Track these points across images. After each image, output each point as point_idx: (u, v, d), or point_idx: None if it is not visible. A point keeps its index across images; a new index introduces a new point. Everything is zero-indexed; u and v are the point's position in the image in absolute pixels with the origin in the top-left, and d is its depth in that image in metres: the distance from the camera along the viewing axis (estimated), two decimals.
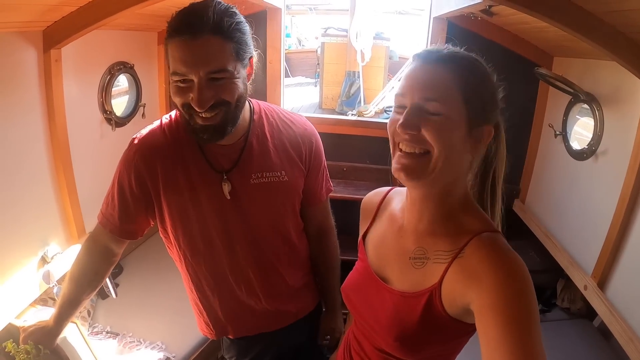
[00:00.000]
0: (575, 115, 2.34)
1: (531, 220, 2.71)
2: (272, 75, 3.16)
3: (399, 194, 1.17)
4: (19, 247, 1.81)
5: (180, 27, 1.09)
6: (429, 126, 0.88)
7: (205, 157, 1.31)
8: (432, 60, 0.91)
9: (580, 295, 2.59)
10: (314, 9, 7.11)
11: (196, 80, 1.11)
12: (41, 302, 1.98)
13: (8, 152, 1.71)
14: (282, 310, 1.52)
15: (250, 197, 1.34)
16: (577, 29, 1.57)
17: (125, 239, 1.42)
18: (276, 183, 1.36)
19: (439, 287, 0.92)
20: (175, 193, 1.31)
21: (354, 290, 1.14)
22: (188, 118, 1.19)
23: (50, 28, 1.79)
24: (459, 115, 0.89)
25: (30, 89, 1.81)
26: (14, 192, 1.76)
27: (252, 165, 1.34)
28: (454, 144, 0.90)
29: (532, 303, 0.80)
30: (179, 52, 1.09)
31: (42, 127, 1.89)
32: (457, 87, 0.88)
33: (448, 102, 0.88)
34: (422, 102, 0.89)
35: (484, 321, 0.81)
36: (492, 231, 0.92)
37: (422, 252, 0.99)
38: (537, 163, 2.81)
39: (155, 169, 1.29)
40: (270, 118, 1.41)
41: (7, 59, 1.67)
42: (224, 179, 1.31)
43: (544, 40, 2.49)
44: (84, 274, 1.45)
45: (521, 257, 0.87)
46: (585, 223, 2.17)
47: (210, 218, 1.33)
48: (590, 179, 2.15)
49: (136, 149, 1.30)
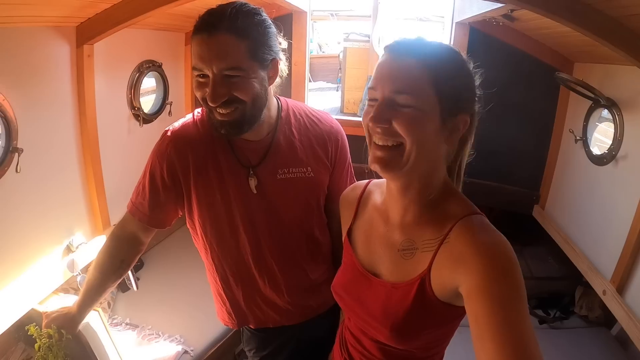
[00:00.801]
0: (595, 120, 2.33)
1: (550, 226, 2.70)
2: (297, 77, 3.22)
3: (378, 186, 1.18)
4: (46, 235, 1.87)
5: (200, 25, 1.16)
6: (400, 119, 0.89)
7: (233, 151, 1.35)
8: (401, 52, 0.91)
9: (598, 303, 2.57)
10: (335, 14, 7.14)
11: (211, 76, 1.17)
12: (63, 290, 2.04)
13: (40, 142, 1.77)
14: (303, 304, 1.55)
15: (276, 192, 1.38)
16: (597, 32, 1.57)
17: (153, 227, 1.46)
18: (302, 179, 1.40)
19: (428, 273, 0.94)
20: (205, 184, 1.35)
21: (344, 288, 1.16)
22: (208, 112, 1.26)
23: (83, 24, 1.86)
24: (430, 107, 0.89)
25: (62, 83, 1.88)
26: (43, 182, 1.82)
27: (279, 161, 1.37)
28: (426, 136, 0.91)
29: (518, 281, 0.81)
30: (197, 48, 1.16)
31: (72, 120, 1.96)
32: (428, 78, 0.88)
33: (418, 94, 0.88)
34: (393, 95, 0.90)
35: (472, 302, 0.83)
36: (475, 213, 0.94)
37: (410, 242, 1.00)
38: (557, 169, 2.79)
39: (187, 160, 1.34)
40: (298, 115, 1.45)
41: (41, 53, 1.75)
42: (251, 174, 1.35)
43: (564, 46, 2.49)
44: (110, 261, 1.49)
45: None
46: (605, 228, 2.15)
47: (236, 210, 1.37)
48: (610, 184, 2.14)
49: (169, 140, 1.36)
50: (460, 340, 1.10)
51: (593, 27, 1.58)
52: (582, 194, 2.43)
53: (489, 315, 0.78)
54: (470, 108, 0.95)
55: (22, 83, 1.67)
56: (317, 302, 1.57)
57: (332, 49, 8.75)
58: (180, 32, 2.81)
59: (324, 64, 8.02)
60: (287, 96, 3.18)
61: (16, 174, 1.63)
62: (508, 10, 2.16)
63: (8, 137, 1.61)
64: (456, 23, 2.98)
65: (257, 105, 1.25)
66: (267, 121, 1.36)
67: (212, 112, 1.23)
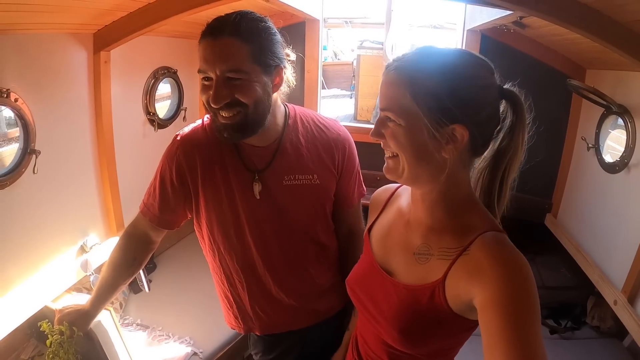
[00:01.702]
0: (607, 128, 2.31)
1: (563, 235, 2.67)
2: (310, 85, 3.25)
3: (407, 190, 1.17)
4: (61, 236, 1.92)
5: (206, 30, 1.20)
6: (387, 134, 0.93)
7: (240, 155, 1.37)
8: (390, 69, 0.93)
9: (610, 314, 2.52)
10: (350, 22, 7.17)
11: (214, 78, 1.20)
12: (76, 289, 2.08)
13: (57, 145, 1.83)
14: (310, 308, 1.55)
15: (281, 198, 1.39)
16: (607, 38, 1.57)
17: (162, 228, 1.49)
18: (308, 186, 1.41)
19: (442, 282, 0.93)
20: (212, 187, 1.38)
21: (358, 283, 1.16)
22: (212, 116, 1.29)
23: (101, 31, 1.92)
24: (414, 119, 0.89)
25: (80, 88, 1.94)
26: (59, 183, 1.88)
27: (285, 167, 1.39)
28: (414, 148, 0.91)
29: (534, 300, 0.81)
30: (203, 52, 1.20)
31: (89, 124, 2.02)
32: (407, 92, 0.88)
33: (399, 109, 0.90)
34: (381, 111, 0.94)
35: (486, 315, 0.83)
36: (497, 230, 0.93)
37: (427, 248, 1.00)
38: (569, 177, 2.77)
39: (195, 163, 1.37)
40: (305, 122, 1.46)
41: (60, 58, 1.81)
42: (256, 179, 1.37)
43: (576, 53, 2.48)
44: (123, 258, 1.52)
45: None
46: (617, 237, 2.13)
47: (242, 214, 1.39)
48: (622, 192, 2.12)
49: (178, 144, 1.39)
50: (471, 350, 1.10)
51: (602, 33, 1.58)
52: (595, 202, 2.41)
53: (502, 329, 0.78)
54: (465, 118, 0.89)
55: (41, 87, 1.73)
56: (324, 307, 1.57)
57: (348, 56, 8.77)
58: (195, 40, 2.80)
59: (338, 71, 8.05)
60: (300, 103, 3.24)
61: (33, 175, 1.68)
62: (518, 17, 2.16)
63: (26, 139, 1.66)
64: (468, 30, 2.99)
65: (259, 109, 1.27)
66: (274, 127, 1.38)
67: (216, 115, 1.27)
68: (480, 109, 0.91)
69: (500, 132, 0.96)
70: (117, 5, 1.78)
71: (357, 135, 3.22)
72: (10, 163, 1.67)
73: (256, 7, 2.49)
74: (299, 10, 2.75)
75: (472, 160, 0.99)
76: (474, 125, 0.90)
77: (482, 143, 0.96)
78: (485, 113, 0.92)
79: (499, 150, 0.97)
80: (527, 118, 0.95)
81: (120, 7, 1.81)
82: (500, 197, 1.01)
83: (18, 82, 1.60)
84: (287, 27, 3.18)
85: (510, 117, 0.95)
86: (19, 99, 1.60)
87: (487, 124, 0.94)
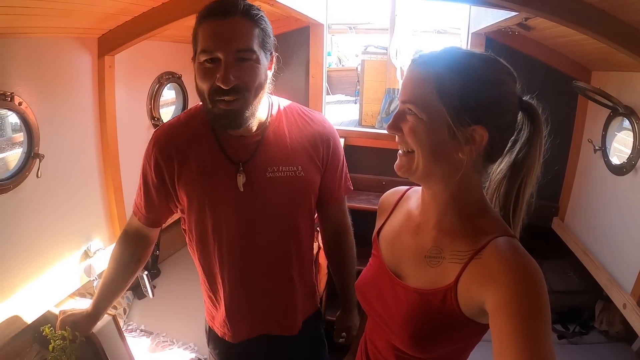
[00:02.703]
0: (614, 130, 2.29)
1: (570, 239, 2.65)
2: (315, 90, 3.25)
3: (416, 192, 1.17)
4: (64, 240, 1.92)
5: (212, 11, 1.17)
6: (405, 127, 0.92)
7: (221, 148, 1.34)
8: (417, 63, 0.93)
9: (619, 318, 2.50)
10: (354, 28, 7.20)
11: (224, 58, 1.15)
12: (80, 294, 2.07)
13: (61, 149, 1.83)
14: (286, 312, 1.51)
15: (264, 190, 1.35)
16: (613, 39, 1.56)
17: (149, 226, 1.48)
18: (292, 177, 1.37)
19: (454, 286, 0.92)
20: (190, 183, 1.34)
21: (368, 286, 1.15)
22: (211, 106, 1.23)
23: (105, 36, 1.93)
24: (436, 116, 0.89)
25: (84, 92, 1.95)
26: (63, 188, 1.88)
27: (269, 158, 1.35)
28: (433, 145, 0.91)
29: (546, 305, 0.81)
30: (210, 31, 1.16)
31: (93, 129, 2.02)
32: (433, 88, 0.88)
33: (422, 103, 0.89)
34: (402, 104, 0.93)
35: (497, 319, 0.82)
36: (510, 236, 0.93)
37: (438, 251, 0.99)
38: (576, 180, 2.75)
39: (172, 160, 1.33)
40: (289, 114, 1.43)
41: (64, 63, 1.81)
42: (240, 170, 1.33)
43: (581, 54, 2.47)
44: (121, 256, 1.51)
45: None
46: (626, 239, 2.11)
47: (226, 208, 1.35)
48: (630, 194, 2.10)
49: (154, 142, 1.37)
50: (481, 356, 1.10)
51: (608, 33, 1.57)
52: (602, 205, 2.39)
53: (513, 333, 0.77)
54: (487, 121, 0.90)
55: (45, 91, 1.73)
56: (299, 309, 1.54)
57: (352, 62, 8.80)
58: None
59: (342, 77, 8.08)
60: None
61: (37, 179, 1.68)
62: (523, 19, 2.15)
63: (30, 143, 1.67)
64: (472, 34, 2.99)
65: (258, 95, 1.25)
66: (258, 117, 1.33)
67: (215, 102, 1.21)
68: (502, 114, 0.92)
69: (516, 144, 0.97)
70: (121, 9, 1.79)
71: (362, 140, 3.28)
72: (14, 167, 1.67)
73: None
74: (304, 14, 2.75)
75: (486, 167, 0.99)
76: (495, 129, 0.90)
77: (498, 149, 0.95)
78: (506, 119, 0.93)
79: (516, 162, 0.97)
80: (544, 131, 0.95)
81: (125, 11, 1.81)
82: (515, 210, 1.00)
83: (22, 86, 1.61)
84: (292, 32, 3.23)
85: (527, 129, 0.96)
86: (23, 103, 1.60)
87: (506, 130, 0.94)
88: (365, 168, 3.26)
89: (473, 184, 0.98)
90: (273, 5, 2.23)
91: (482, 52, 0.94)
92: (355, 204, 2.99)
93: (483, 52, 0.94)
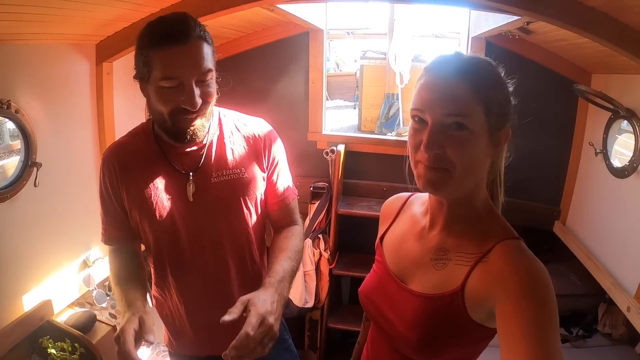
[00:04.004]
0: (615, 132, 2.29)
1: (572, 242, 2.64)
2: (314, 96, 3.24)
3: (419, 198, 1.18)
4: (64, 249, 1.91)
5: (168, 36, 1.15)
6: (454, 144, 0.87)
7: (169, 160, 1.34)
8: (449, 73, 0.89)
9: (622, 321, 2.49)
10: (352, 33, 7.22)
11: (187, 83, 1.17)
12: (79, 304, 2.05)
13: (59, 157, 1.82)
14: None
15: (212, 196, 1.36)
16: (614, 41, 1.56)
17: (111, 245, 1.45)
18: (236, 180, 1.38)
19: (461, 290, 0.92)
20: (139, 197, 1.33)
21: (374, 292, 1.14)
22: (172, 124, 1.24)
23: (103, 42, 1.92)
24: (480, 126, 0.88)
25: (82, 99, 1.94)
26: (61, 196, 1.86)
27: (214, 164, 1.37)
28: (477, 156, 0.90)
29: (554, 309, 0.80)
30: (172, 58, 1.15)
31: (91, 136, 2.01)
32: (477, 98, 0.87)
33: (470, 115, 0.87)
34: (444, 118, 0.87)
35: (505, 322, 0.81)
36: (516, 238, 0.93)
37: (444, 252, 0.99)
38: (577, 183, 2.74)
39: (119, 176, 1.33)
40: (228, 119, 1.45)
41: (62, 70, 1.80)
42: (190, 181, 1.34)
43: (582, 57, 2.47)
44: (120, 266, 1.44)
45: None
46: (628, 242, 2.10)
47: (177, 220, 1.36)
48: (632, 196, 2.09)
49: (103, 160, 1.37)
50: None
51: (610, 36, 1.57)
52: (604, 208, 2.38)
53: (522, 337, 0.77)
54: (512, 120, 0.94)
55: (42, 99, 1.72)
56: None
57: (350, 67, 8.80)
58: None
59: (341, 82, 8.06)
60: (305, 114, 3.23)
61: (34, 188, 1.67)
62: (524, 23, 2.15)
63: (27, 151, 1.66)
64: (472, 38, 2.98)
65: (212, 104, 1.29)
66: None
67: (180, 122, 1.23)
68: (516, 112, 0.95)
69: None
70: (119, 16, 1.78)
71: (362, 146, 3.27)
72: (11, 175, 1.66)
73: (261, 17, 2.50)
74: (303, 20, 2.75)
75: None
76: (513, 127, 0.94)
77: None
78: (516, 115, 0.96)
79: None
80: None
81: (123, 17, 1.80)
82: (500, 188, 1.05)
83: (19, 93, 1.60)
84: (291, 38, 3.22)
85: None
86: (20, 110, 1.59)
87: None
88: (365, 174, 3.24)
89: (483, 185, 0.99)
90: (273, 10, 2.22)
91: (482, 56, 0.95)
92: (356, 210, 2.98)
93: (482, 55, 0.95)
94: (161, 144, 1.34)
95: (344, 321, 3.24)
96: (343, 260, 3.19)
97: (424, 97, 0.90)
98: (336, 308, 3.41)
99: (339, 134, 3.70)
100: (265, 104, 3.19)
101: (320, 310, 3.21)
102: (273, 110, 3.12)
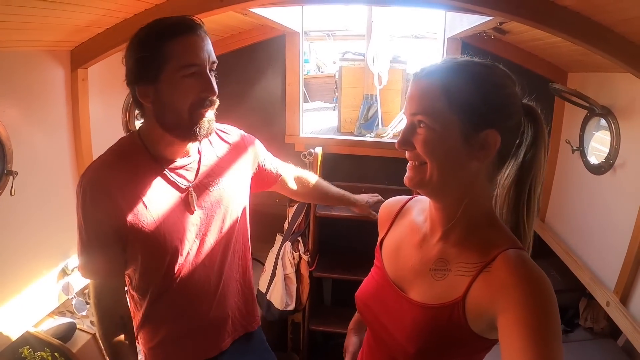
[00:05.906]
0: (591, 130, 2.32)
1: (551, 239, 2.67)
2: (291, 98, 3.24)
3: (419, 202, 1.17)
4: (41, 258, 1.86)
5: (181, 28, 1.19)
6: (417, 140, 0.92)
7: (169, 176, 1.33)
8: (423, 75, 0.93)
9: (603, 314, 2.53)
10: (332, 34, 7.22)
11: (205, 70, 1.22)
12: (59, 313, 2.02)
13: (35, 165, 1.78)
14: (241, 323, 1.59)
15: (213, 204, 1.41)
16: (587, 40, 1.58)
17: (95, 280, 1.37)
18: (229, 185, 1.45)
19: (462, 300, 0.91)
20: (145, 221, 1.28)
21: (371, 298, 1.13)
22: (189, 120, 1.23)
23: (78, 48, 1.89)
24: (448, 125, 0.89)
25: (57, 106, 1.90)
26: (38, 205, 1.82)
27: (207, 173, 1.41)
28: (447, 154, 0.91)
29: (557, 321, 0.81)
30: (192, 45, 1.20)
31: (68, 143, 1.97)
32: (441, 97, 0.89)
33: (432, 114, 0.89)
34: (411, 117, 0.92)
35: (508, 333, 0.81)
36: (518, 248, 0.92)
37: (444, 263, 0.98)
38: (555, 180, 2.78)
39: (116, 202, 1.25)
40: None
41: (36, 76, 1.77)
42: (191, 193, 1.36)
43: (557, 56, 2.50)
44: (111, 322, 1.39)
45: None
46: (606, 238, 2.13)
47: (183, 233, 1.35)
48: (609, 192, 2.13)
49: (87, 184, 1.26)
50: None
51: (583, 35, 1.58)
52: (582, 204, 2.42)
53: (524, 348, 0.77)
54: (499, 123, 0.91)
55: (17, 106, 1.68)
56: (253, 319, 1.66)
57: (330, 69, 8.80)
58: None
59: (321, 84, 8.06)
60: (282, 117, 3.23)
61: (10, 197, 1.63)
62: (497, 24, 2.17)
63: (2, 160, 1.61)
64: (448, 39, 3.01)
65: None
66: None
67: (196, 115, 1.24)
68: (510, 115, 0.93)
69: (520, 147, 0.97)
70: (92, 21, 1.75)
71: (341, 147, 3.27)
72: None
73: (236, 20, 2.48)
74: (278, 23, 2.74)
75: (495, 174, 0.99)
76: (506, 131, 0.92)
77: (507, 152, 0.96)
78: (514, 120, 0.94)
79: (524, 164, 0.97)
80: (546, 131, 0.97)
81: (97, 23, 1.78)
82: (529, 211, 0.99)
83: None
84: (267, 41, 3.20)
85: (530, 131, 0.97)
86: None
87: (515, 132, 0.95)
88: (343, 175, 3.23)
89: (485, 194, 0.98)
90: (247, 14, 2.21)
91: (481, 59, 0.95)
92: (334, 212, 2.99)
93: (484, 60, 0.95)
94: (157, 160, 1.31)
95: (326, 323, 3.25)
96: (323, 262, 3.19)
97: (406, 99, 0.96)
98: (318, 310, 3.40)
99: (318, 136, 3.70)
100: (242, 107, 3.18)
101: (302, 312, 3.20)
102: (250, 113, 3.12)
